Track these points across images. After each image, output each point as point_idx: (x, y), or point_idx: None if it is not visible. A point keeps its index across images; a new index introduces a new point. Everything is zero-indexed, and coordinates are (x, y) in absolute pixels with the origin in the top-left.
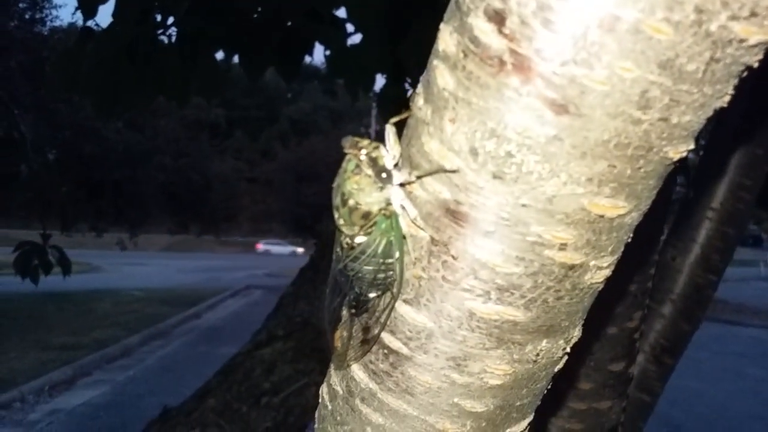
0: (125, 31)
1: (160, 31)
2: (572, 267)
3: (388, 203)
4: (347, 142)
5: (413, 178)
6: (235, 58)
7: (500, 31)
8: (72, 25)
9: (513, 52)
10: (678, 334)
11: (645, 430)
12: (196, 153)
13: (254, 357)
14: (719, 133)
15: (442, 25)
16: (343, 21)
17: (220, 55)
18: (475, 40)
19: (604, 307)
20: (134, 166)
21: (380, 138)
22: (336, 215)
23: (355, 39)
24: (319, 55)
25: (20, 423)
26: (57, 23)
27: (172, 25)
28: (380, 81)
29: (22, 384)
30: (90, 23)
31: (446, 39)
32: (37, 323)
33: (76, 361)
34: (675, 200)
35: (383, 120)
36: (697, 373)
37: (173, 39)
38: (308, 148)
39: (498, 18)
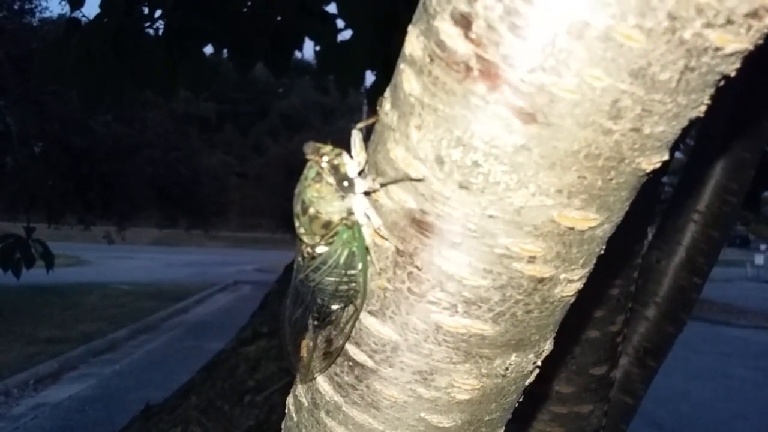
0: (111, 23)
1: (147, 24)
2: (542, 280)
3: (350, 213)
4: (308, 147)
5: (377, 186)
6: (225, 52)
7: (466, 36)
8: (61, 16)
9: (479, 57)
10: (662, 336)
11: (629, 429)
12: (186, 147)
13: (239, 354)
14: (706, 136)
15: (409, 28)
16: (334, 17)
17: (209, 49)
18: (441, 44)
19: (586, 311)
20: (123, 159)
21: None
22: (297, 223)
23: (346, 35)
24: (310, 50)
25: (4, 417)
26: (46, 14)
27: (159, 18)
28: (371, 77)
29: (7, 377)
30: (77, 14)
31: (413, 42)
32: (24, 316)
33: (62, 355)
34: (662, 201)
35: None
36: (683, 372)
37: (160, 32)
38: (299, 144)
39: (464, 22)
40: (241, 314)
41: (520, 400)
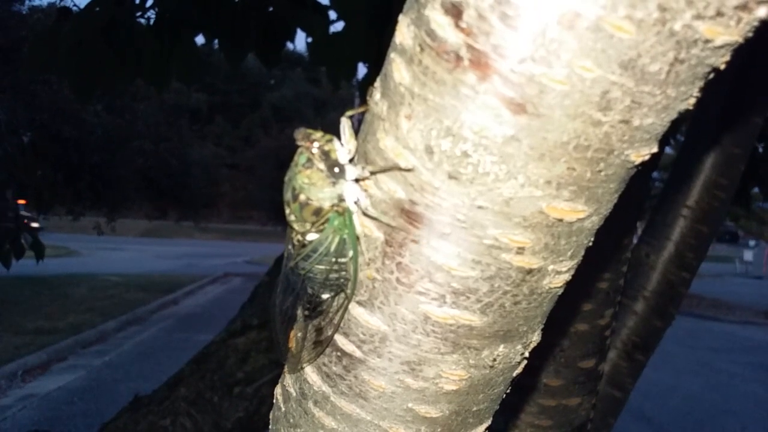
0: (103, 12)
1: (138, 14)
2: (530, 271)
3: (341, 199)
4: (299, 134)
5: (367, 174)
6: (216, 43)
7: (457, 25)
8: (51, 5)
9: (470, 47)
10: (650, 330)
11: (618, 423)
12: (176, 138)
13: (228, 346)
14: (696, 131)
15: (400, 17)
16: (326, 8)
17: (201, 39)
18: (431, 33)
19: (575, 304)
20: (113, 150)
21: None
22: (287, 211)
23: (338, 27)
24: (302, 41)
25: None
26: (36, 2)
27: (150, 7)
28: (363, 70)
29: None
30: (68, 3)
31: (403, 31)
32: (12, 307)
33: (50, 346)
34: (652, 196)
35: None
36: (671, 367)
37: (152, 22)
38: (290, 136)
39: (455, 11)
40: (230, 306)
41: (508, 391)
